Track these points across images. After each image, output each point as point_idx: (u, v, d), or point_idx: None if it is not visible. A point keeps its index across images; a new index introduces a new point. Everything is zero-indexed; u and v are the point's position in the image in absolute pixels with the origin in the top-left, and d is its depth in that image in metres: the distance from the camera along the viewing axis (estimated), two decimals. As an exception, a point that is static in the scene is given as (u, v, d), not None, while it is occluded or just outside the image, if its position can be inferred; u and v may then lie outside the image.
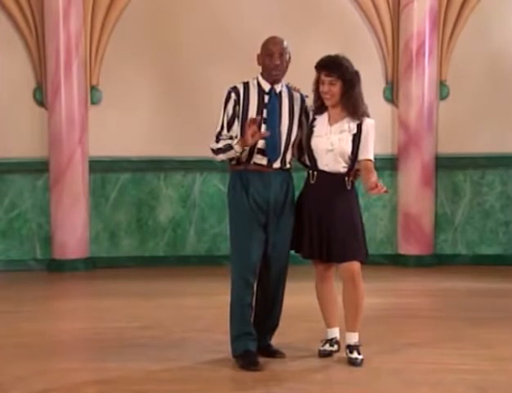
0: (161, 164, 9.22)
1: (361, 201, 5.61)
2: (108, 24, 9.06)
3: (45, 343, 5.99)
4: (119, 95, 9.14)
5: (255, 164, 5.30)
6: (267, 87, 5.30)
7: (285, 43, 5.27)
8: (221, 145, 5.28)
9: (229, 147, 5.24)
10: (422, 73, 9.05)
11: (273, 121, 5.27)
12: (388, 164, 9.15)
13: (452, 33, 9.15)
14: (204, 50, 9.12)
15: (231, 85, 5.38)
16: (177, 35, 9.16)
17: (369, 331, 6.12)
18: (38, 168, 9.07)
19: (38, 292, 8.04)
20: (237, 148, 5.20)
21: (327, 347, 5.50)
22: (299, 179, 5.44)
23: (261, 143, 5.25)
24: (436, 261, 9.22)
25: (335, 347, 5.52)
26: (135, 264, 9.20)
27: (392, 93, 9.26)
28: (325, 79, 5.23)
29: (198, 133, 8.85)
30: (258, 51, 5.32)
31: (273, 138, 5.25)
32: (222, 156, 5.32)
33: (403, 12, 9.05)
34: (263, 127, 5.23)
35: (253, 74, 5.43)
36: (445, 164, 9.23)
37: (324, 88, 5.24)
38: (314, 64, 5.31)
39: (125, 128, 9.17)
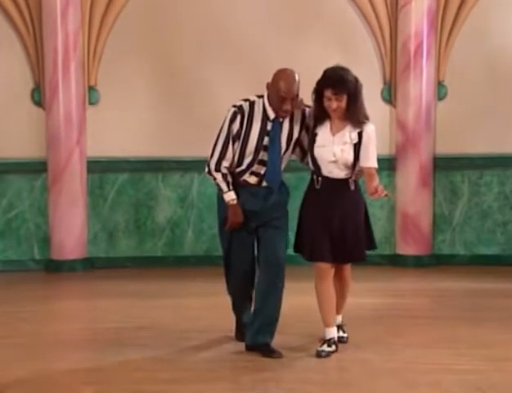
0: (159, 165, 9.21)
1: (362, 200, 5.66)
2: (106, 24, 9.05)
3: (43, 343, 6.00)
4: (117, 95, 9.13)
5: (244, 181, 5.40)
6: (271, 114, 5.34)
7: (297, 82, 5.27)
8: (218, 178, 5.41)
9: (221, 189, 5.42)
10: (420, 73, 9.04)
11: (274, 150, 5.35)
12: (386, 165, 9.12)
13: (450, 34, 9.14)
14: (203, 50, 9.11)
15: (237, 103, 5.39)
16: (176, 35, 9.15)
17: (367, 331, 6.15)
18: (36, 168, 9.05)
19: (36, 293, 8.03)
20: (226, 199, 5.40)
21: (325, 347, 5.50)
22: (297, 180, 5.47)
23: (257, 167, 5.38)
24: (434, 261, 9.21)
25: (333, 347, 5.53)
26: (133, 264, 9.19)
27: (390, 94, 9.25)
28: (332, 96, 5.31)
29: (196, 133, 8.85)
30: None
31: (274, 167, 5.36)
32: (212, 180, 5.49)
33: (401, 12, 9.04)
34: (263, 154, 5.32)
35: (250, 74, 5.43)
36: (443, 165, 9.23)
37: (332, 105, 5.32)
38: (313, 65, 5.36)
39: (123, 128, 9.16)
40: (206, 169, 5.46)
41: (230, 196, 5.39)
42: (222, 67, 8.99)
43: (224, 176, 5.39)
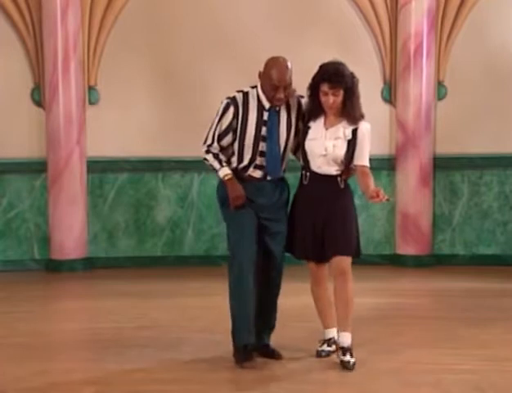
0: (159, 165, 9.21)
1: (359, 202, 5.63)
2: (106, 24, 9.05)
3: (43, 343, 6.00)
4: (116, 95, 9.13)
5: (249, 176, 5.32)
6: (267, 104, 5.25)
7: (289, 70, 5.18)
8: (209, 159, 5.31)
9: (214, 169, 5.31)
10: (420, 73, 9.05)
11: (273, 139, 5.25)
12: (386, 165, 9.14)
13: (450, 34, 9.15)
14: (202, 50, 9.11)
15: (230, 94, 5.29)
16: (175, 35, 9.15)
17: (366, 331, 6.14)
18: (36, 168, 9.05)
19: (36, 292, 8.03)
20: (221, 176, 5.27)
21: (325, 347, 5.50)
22: (296, 179, 5.43)
23: (259, 160, 5.28)
24: (434, 261, 9.21)
25: (333, 347, 5.52)
26: (133, 264, 9.19)
27: (390, 93, 9.25)
28: (329, 91, 5.19)
29: (196, 133, 8.73)
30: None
31: (274, 157, 5.26)
32: (206, 163, 5.38)
33: (401, 12, 9.05)
34: (262, 145, 5.24)
35: (250, 74, 5.40)
36: (443, 165, 9.23)
37: (329, 100, 5.20)
38: (313, 64, 5.28)
39: (123, 128, 9.16)
40: (202, 156, 5.36)
41: (224, 172, 5.25)
42: (222, 67, 8.99)
43: (215, 155, 5.28)
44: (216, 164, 5.28)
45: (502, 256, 9.28)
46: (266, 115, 5.24)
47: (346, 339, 5.28)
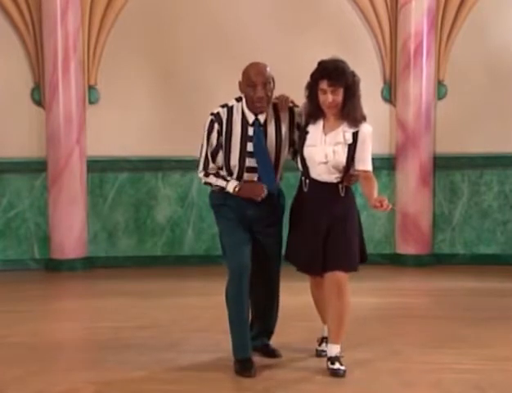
0: (159, 164, 9.21)
1: (360, 201, 5.58)
2: (106, 24, 9.06)
3: (43, 343, 5.99)
4: (116, 94, 9.14)
5: None
6: (251, 118, 5.08)
7: (268, 70, 5.03)
8: (212, 181, 5.18)
9: (222, 188, 5.16)
10: (420, 72, 9.05)
11: (260, 155, 5.08)
12: (386, 164, 9.14)
13: (450, 33, 9.16)
14: (202, 49, 9.12)
15: (214, 110, 5.14)
16: (175, 35, 9.16)
17: (367, 330, 6.14)
18: (36, 167, 9.06)
19: (36, 292, 8.03)
20: (230, 191, 5.11)
21: (324, 347, 5.46)
22: (296, 179, 5.38)
23: (247, 176, 5.13)
24: (434, 261, 9.22)
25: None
26: (133, 263, 9.19)
27: (390, 93, 9.26)
28: (328, 88, 4.96)
29: (196, 132, 8.76)
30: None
31: (265, 173, 5.10)
32: (210, 186, 5.28)
33: (401, 12, 9.05)
34: (249, 161, 5.09)
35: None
36: (443, 164, 9.24)
37: (328, 99, 4.96)
38: (313, 65, 5.14)
39: (123, 127, 9.17)
40: (201, 181, 5.30)
41: (231, 186, 5.09)
42: (221, 67, 8.98)
43: (216, 174, 5.16)
44: (221, 182, 5.15)
45: (502, 256, 9.28)
46: (251, 131, 5.07)
47: (334, 349, 5.13)
